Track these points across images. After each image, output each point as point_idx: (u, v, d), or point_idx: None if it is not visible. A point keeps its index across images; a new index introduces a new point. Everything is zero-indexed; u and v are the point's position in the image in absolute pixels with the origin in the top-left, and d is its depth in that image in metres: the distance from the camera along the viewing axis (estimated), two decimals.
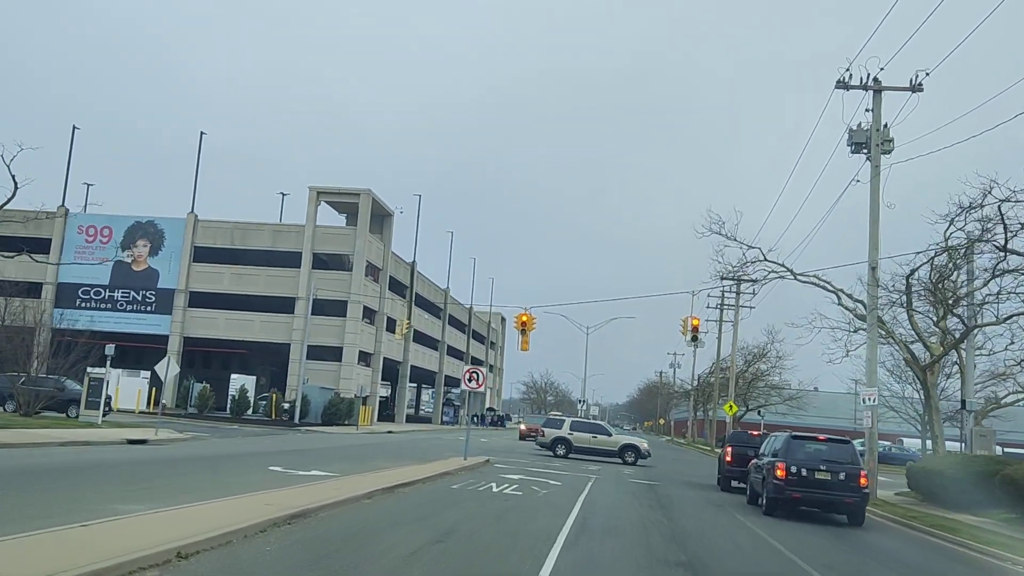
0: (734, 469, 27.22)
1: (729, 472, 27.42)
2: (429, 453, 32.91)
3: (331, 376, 65.46)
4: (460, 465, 26.00)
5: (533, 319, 44.56)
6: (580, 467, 32.99)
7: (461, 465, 26.02)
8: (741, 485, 27.09)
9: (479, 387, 27.99)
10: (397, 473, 21.84)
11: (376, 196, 69.05)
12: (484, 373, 28.18)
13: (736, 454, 27.36)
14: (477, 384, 27.88)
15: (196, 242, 67.63)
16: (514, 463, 31.62)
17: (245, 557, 9.95)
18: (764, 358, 70.14)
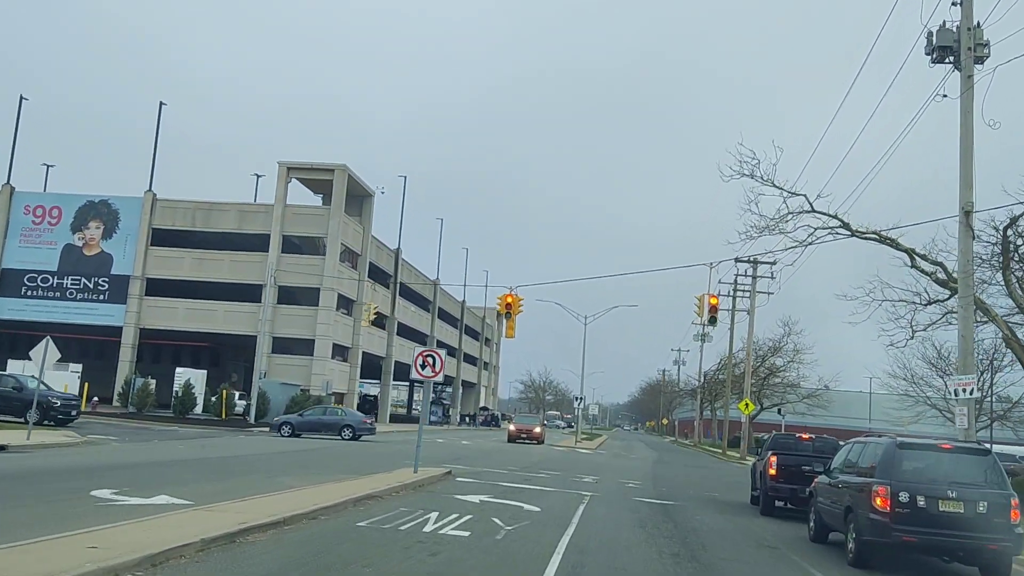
0: (781, 486, 19.66)
1: (774, 490, 19.85)
2: (379, 462, 25.38)
3: (301, 371, 58.00)
4: (402, 481, 18.49)
5: (519, 300, 37.08)
6: (572, 479, 25.49)
7: (404, 481, 18.49)
8: (789, 507, 19.62)
9: (436, 374, 20.58)
10: (293, 497, 14.35)
11: (353, 173, 61.56)
12: (442, 358, 20.70)
13: (783, 465, 19.80)
14: (433, 371, 20.47)
15: (154, 224, 60.22)
16: (486, 475, 24.12)
17: None
18: (780, 352, 62.51)
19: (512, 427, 51.17)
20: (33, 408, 27.22)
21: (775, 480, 19.74)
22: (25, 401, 30.72)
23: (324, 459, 26.04)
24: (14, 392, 32.56)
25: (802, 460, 19.97)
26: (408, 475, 19.95)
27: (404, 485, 17.98)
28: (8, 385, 33.29)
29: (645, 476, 30.62)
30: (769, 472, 19.95)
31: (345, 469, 22.08)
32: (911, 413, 46.97)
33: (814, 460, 19.81)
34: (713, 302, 31.27)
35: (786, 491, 19.64)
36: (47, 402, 32.02)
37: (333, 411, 41.50)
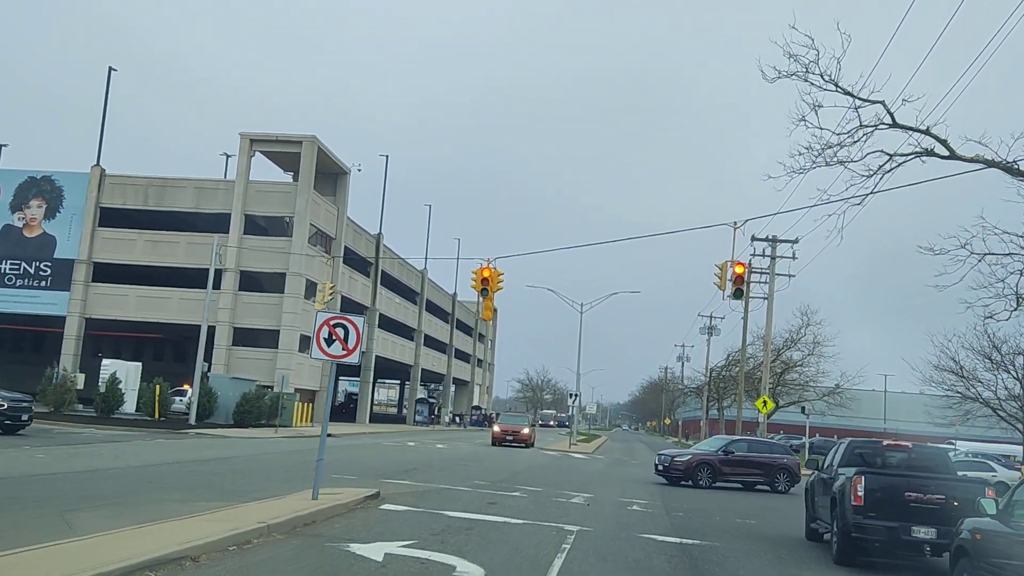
0: (871, 523, 12.59)
1: (859, 527, 12.73)
2: (289, 478, 18.28)
3: (265, 365, 51.01)
4: (282, 515, 11.47)
5: (499, 275, 30.13)
6: (555, 499, 18.52)
7: (282, 516, 11.45)
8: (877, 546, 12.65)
9: (348, 353, 13.66)
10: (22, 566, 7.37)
11: (324, 146, 54.59)
12: (358, 329, 13.69)
13: (874, 490, 12.75)
14: (345, 348, 13.52)
15: (102, 202, 53.29)
16: (435, 496, 17.17)
17: None
18: (797, 344, 55.48)
19: (496, 428, 44.15)
20: None
21: (862, 513, 12.67)
22: None
23: (213, 474, 19.01)
24: None
25: (901, 481, 12.94)
26: (302, 503, 12.95)
27: (279, 523, 10.96)
28: None
29: (651, 492, 23.60)
30: (853, 499, 12.86)
31: (221, 492, 15.06)
32: (956, 412, 39.99)
33: (918, 481, 12.83)
34: (739, 270, 24.26)
35: (880, 531, 12.57)
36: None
37: None
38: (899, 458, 14.61)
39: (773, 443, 30.87)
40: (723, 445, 27.36)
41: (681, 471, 25.82)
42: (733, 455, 26.62)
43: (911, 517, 11.99)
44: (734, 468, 26.51)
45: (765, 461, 27.05)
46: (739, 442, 28.19)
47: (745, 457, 26.95)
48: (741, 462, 26.66)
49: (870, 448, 15.18)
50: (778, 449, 28.90)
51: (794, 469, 27.18)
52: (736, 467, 26.53)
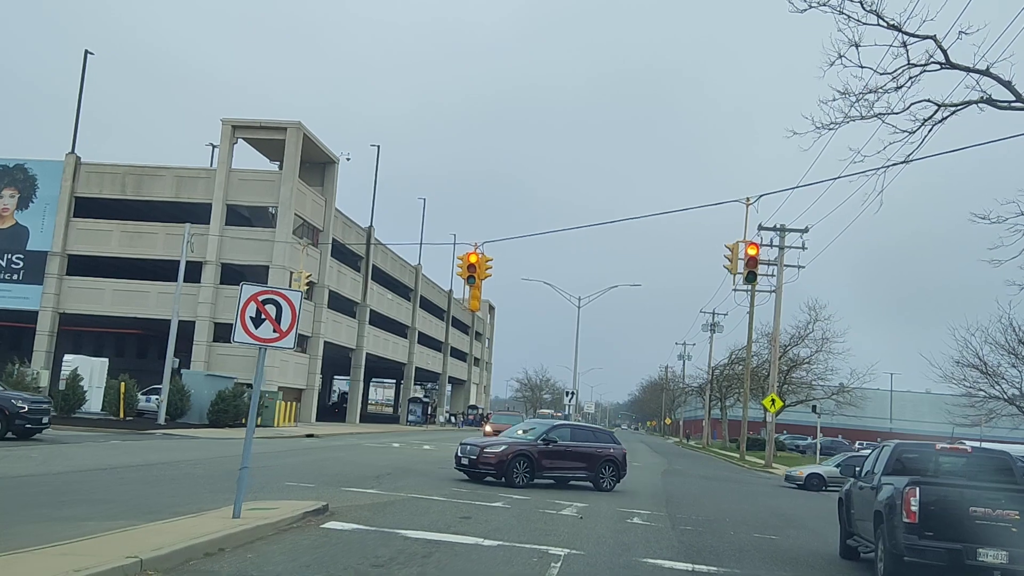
0: (930, 544, 9.82)
1: (914, 546, 9.91)
2: (217, 489, 15.42)
3: (248, 363, 48.03)
4: (177, 544, 8.66)
5: (487, 261, 27.41)
6: (543, 512, 15.75)
7: (177, 545, 8.65)
8: None
9: (281, 336, 10.91)
10: None
11: (311, 134, 51.83)
12: (293, 305, 10.94)
13: (931, 504, 9.97)
14: (276, 330, 10.72)
15: (78, 191, 50.49)
16: (400, 509, 14.43)
17: None
18: (804, 341, 52.70)
19: (488, 428, 41.22)
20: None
21: (918, 533, 9.93)
22: None
23: (145, 482, 16.21)
24: None
25: (965, 494, 10.20)
26: (218, 523, 10.18)
27: (162, 557, 8.17)
28: None
29: (655, 498, 20.83)
30: (907, 516, 10.15)
31: (134, 506, 12.24)
32: (978, 411, 37.19)
33: (985, 492, 10.23)
34: (752, 251, 21.47)
35: (939, 554, 9.91)
36: (10, 407, 23.38)
37: None
38: (956, 464, 12.04)
39: (597, 429, 24.76)
40: (544, 432, 21.30)
41: (492, 465, 20.14)
42: (556, 444, 21.05)
43: (977, 537, 9.78)
44: (554, 461, 21.00)
45: (589, 452, 21.64)
46: (561, 428, 22.34)
47: (567, 447, 21.37)
48: (563, 453, 21.16)
49: (919, 452, 12.48)
50: (603, 436, 23.37)
51: (620, 461, 22.07)
52: (557, 459, 21.02)
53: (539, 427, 22.10)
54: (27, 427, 23.90)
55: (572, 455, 21.41)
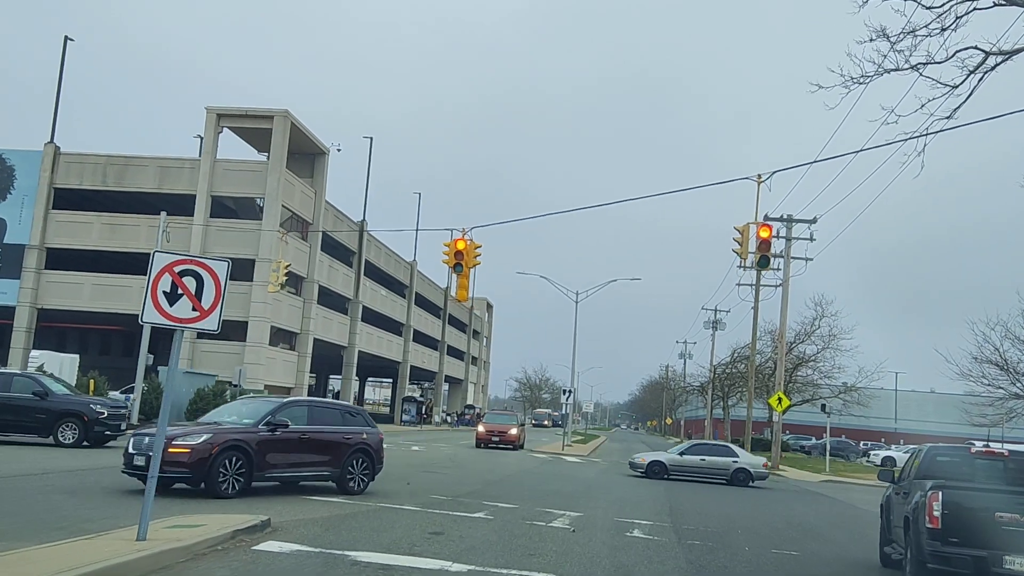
0: (954, 551, 8.32)
1: (936, 552, 8.55)
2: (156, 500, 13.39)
3: (233, 360, 46.09)
4: None
5: (475, 248, 25.31)
6: (531, 523, 13.67)
7: None
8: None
9: (200, 316, 8.91)
10: None
11: (299, 123, 49.79)
12: (217, 280, 8.94)
13: (956, 509, 8.51)
14: (196, 308, 8.74)
15: (57, 182, 48.48)
16: (358, 524, 12.36)
17: None
18: (810, 338, 50.61)
19: (481, 428, 39.18)
20: None
21: (941, 539, 9.36)
22: (53, 412, 21.89)
23: (70, 492, 14.11)
24: (35, 400, 21.85)
25: (991, 498, 9.40)
26: (117, 547, 8.11)
27: None
28: (25, 390, 22.15)
29: (657, 506, 18.73)
30: (929, 521, 9.47)
31: (36, 522, 10.13)
32: (998, 410, 35.12)
33: (1013, 497, 9.58)
34: (764, 234, 19.38)
35: (964, 561, 9.23)
36: (90, 413, 22.22)
37: None
38: (992, 468, 11.01)
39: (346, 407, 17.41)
40: (268, 413, 14.82)
41: (185, 466, 13.33)
42: (286, 431, 14.86)
43: (1004, 544, 9.22)
44: (284, 455, 14.88)
45: (333, 439, 15.77)
46: (294, 407, 15.84)
47: (303, 434, 15.19)
48: (297, 443, 15.05)
49: (955, 456, 11.74)
50: (353, 416, 17.26)
51: (375, 451, 16.47)
52: (287, 452, 14.89)
53: (262, 407, 15.46)
54: (107, 433, 22.68)
55: (310, 445, 15.34)
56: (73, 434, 22.01)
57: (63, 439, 21.91)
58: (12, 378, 22.87)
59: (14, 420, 21.87)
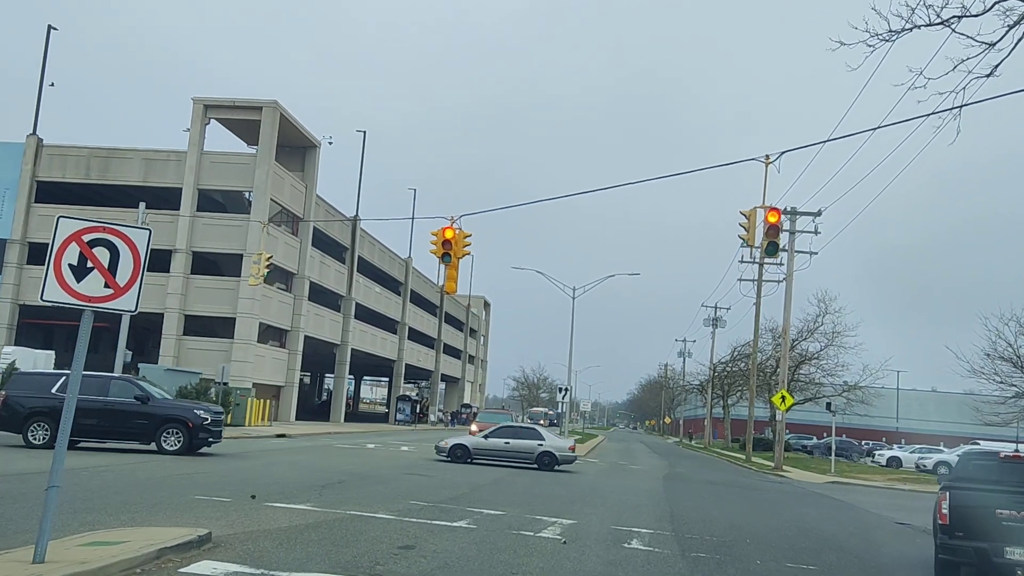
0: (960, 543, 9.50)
1: (945, 545, 10.52)
2: (93, 508, 11.85)
3: (220, 357, 44.52)
4: None
5: (465, 237, 23.87)
6: (519, 533, 12.20)
7: None
8: None
9: (114, 295, 7.55)
10: None
11: (289, 114, 48.33)
12: (135, 250, 7.54)
13: (961, 507, 9.97)
14: (112, 287, 7.38)
15: (39, 175, 47.02)
16: (318, 538, 10.90)
17: None
18: (813, 335, 49.16)
19: (474, 428, 37.54)
20: None
21: (949, 533, 10.61)
22: (156, 418, 21.19)
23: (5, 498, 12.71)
24: (136, 404, 21.21)
25: (993, 498, 10.51)
26: (6, 571, 6.64)
27: None
28: (126, 394, 21.29)
29: (657, 511, 17.25)
30: (939, 518, 10.91)
31: None
32: (1010, 409, 33.66)
33: (1008, 496, 10.51)
34: (772, 219, 17.92)
35: (968, 552, 10.42)
36: (194, 420, 21.44)
37: None
38: (1016, 471, 11.56)
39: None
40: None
41: None
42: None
43: (1004, 537, 10.21)
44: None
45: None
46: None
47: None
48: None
49: (986, 460, 12.41)
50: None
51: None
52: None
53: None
54: (211, 440, 21.97)
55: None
56: (177, 440, 21.07)
57: (166, 446, 20.94)
58: (109, 382, 21.96)
59: (115, 426, 21.05)
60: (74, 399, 7.61)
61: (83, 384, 22.29)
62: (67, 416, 7.48)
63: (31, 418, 20.57)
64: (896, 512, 21.81)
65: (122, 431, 21.17)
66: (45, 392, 20.82)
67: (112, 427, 21.05)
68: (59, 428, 7.23)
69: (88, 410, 20.11)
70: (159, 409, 21.37)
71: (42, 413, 20.56)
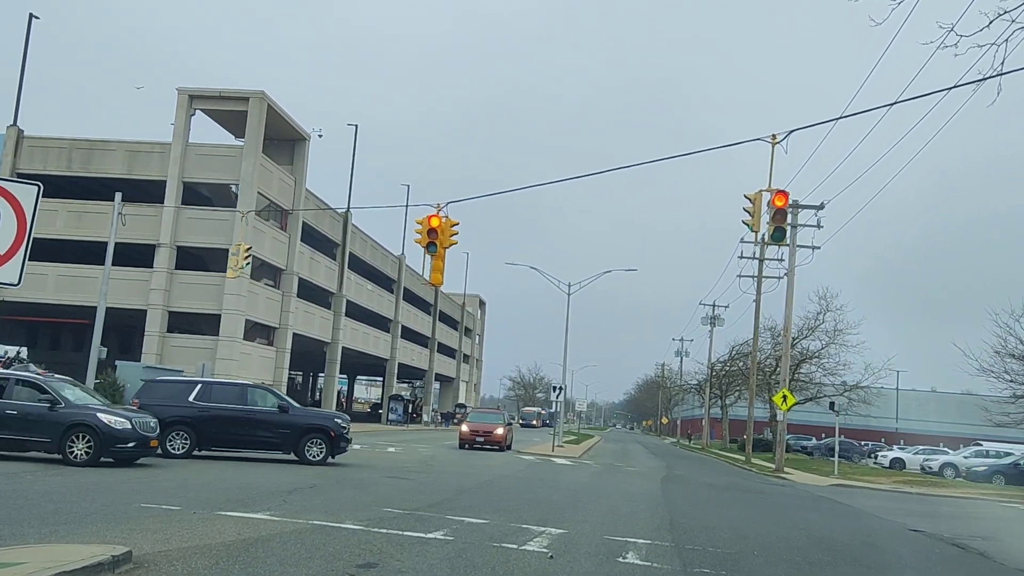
0: None
1: None
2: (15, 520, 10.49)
3: (205, 355, 43.18)
4: None
5: (451, 226, 22.45)
6: (501, 545, 10.80)
7: None
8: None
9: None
10: None
11: (277, 105, 46.91)
12: (21, 208, 6.29)
13: None
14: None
15: (19, 167, 45.49)
16: (265, 554, 9.52)
17: None
18: (814, 333, 47.83)
19: (464, 428, 36.30)
20: None
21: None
22: (298, 427, 21.01)
23: None
24: (277, 414, 21.13)
25: None
26: None
27: None
28: (266, 403, 21.03)
29: (655, 518, 15.86)
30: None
31: None
32: (1019, 407, 32.32)
33: None
34: (779, 203, 16.57)
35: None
36: (336, 428, 21.43)
37: None
38: None
39: None
40: None
41: None
42: None
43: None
44: None
45: None
46: None
47: None
48: None
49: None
50: None
51: None
52: None
53: None
54: (343, 445, 21.81)
55: None
56: (319, 450, 20.92)
57: (310, 456, 20.78)
58: (246, 390, 21.42)
59: (257, 436, 20.47)
60: None
61: (223, 392, 21.83)
62: None
63: (169, 427, 19.89)
64: (908, 518, 20.45)
65: (264, 441, 20.97)
66: (182, 401, 20.47)
67: (254, 437, 20.60)
68: None
69: (232, 419, 19.75)
70: (300, 418, 21.25)
71: (181, 422, 20.06)
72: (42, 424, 16.87)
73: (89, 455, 16.77)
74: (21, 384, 17.52)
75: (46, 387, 17.46)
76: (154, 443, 18.02)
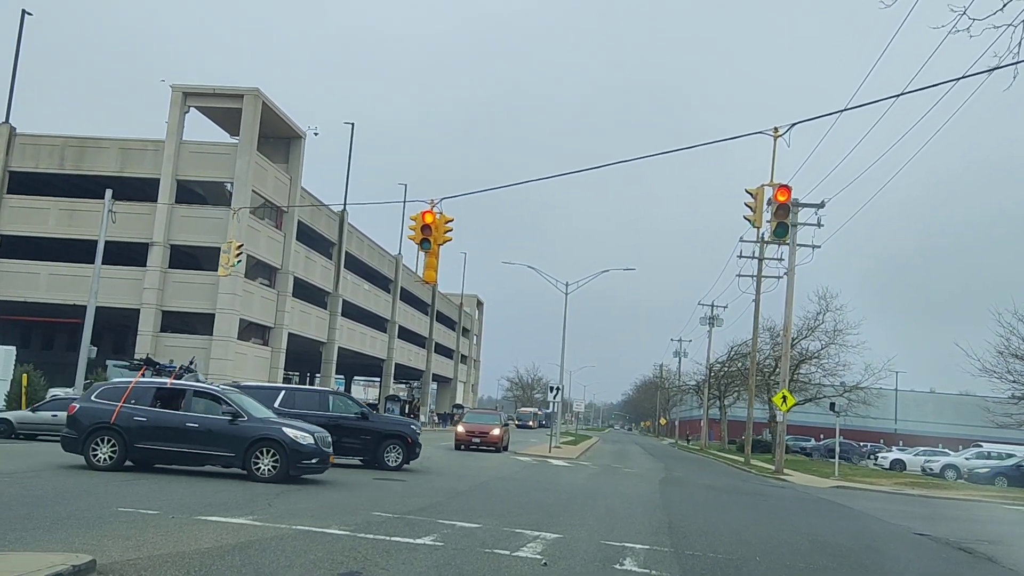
0: None
1: None
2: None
3: (199, 356, 42.58)
4: None
5: (446, 222, 22.00)
6: (493, 551, 10.33)
7: None
8: None
9: None
10: None
11: (272, 103, 46.44)
12: None
13: None
14: None
15: (11, 165, 45.11)
16: (241, 563, 8.99)
17: None
18: (814, 333, 47.37)
19: (460, 429, 35.84)
20: None
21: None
22: (378, 434, 21.41)
23: None
24: (359, 421, 21.44)
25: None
26: None
27: None
28: (347, 410, 21.56)
29: (654, 522, 15.38)
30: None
31: None
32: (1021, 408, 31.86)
33: None
34: (782, 198, 16.10)
35: None
36: (412, 434, 21.79)
37: None
38: None
39: None
40: None
41: None
42: None
43: None
44: None
45: None
46: None
47: None
48: None
49: None
50: None
51: None
52: None
53: None
54: (417, 449, 21.96)
55: None
56: (397, 456, 21.20)
57: (388, 461, 21.09)
58: (328, 397, 21.71)
59: (341, 443, 20.12)
60: None
61: (304, 399, 21.40)
62: None
63: None
64: (911, 521, 19.98)
65: (347, 447, 20.83)
66: (267, 407, 19.53)
67: (340, 443, 19.97)
68: None
69: (321, 426, 18.80)
70: (381, 425, 21.52)
71: None
72: (225, 438, 16.05)
73: (275, 471, 16.07)
74: (199, 396, 16.65)
75: (226, 399, 16.63)
76: (332, 458, 17.38)
